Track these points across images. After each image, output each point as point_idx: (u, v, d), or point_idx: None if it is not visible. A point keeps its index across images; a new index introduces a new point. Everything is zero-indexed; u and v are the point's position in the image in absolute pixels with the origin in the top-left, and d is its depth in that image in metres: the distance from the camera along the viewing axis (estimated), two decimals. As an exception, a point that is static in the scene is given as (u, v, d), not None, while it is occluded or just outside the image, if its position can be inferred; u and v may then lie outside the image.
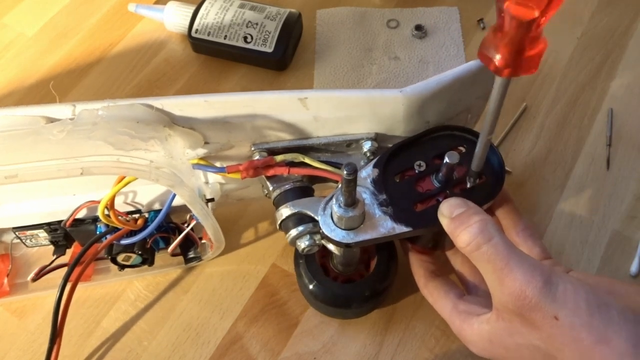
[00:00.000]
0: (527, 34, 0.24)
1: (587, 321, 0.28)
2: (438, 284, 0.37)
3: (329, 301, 0.39)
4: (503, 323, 0.31)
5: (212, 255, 0.43)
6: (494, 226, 0.30)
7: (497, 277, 0.29)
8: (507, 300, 0.29)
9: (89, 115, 0.31)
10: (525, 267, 0.29)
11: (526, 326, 0.30)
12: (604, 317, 0.28)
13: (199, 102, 0.33)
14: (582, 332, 0.28)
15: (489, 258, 0.30)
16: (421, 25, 0.56)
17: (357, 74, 0.54)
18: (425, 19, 0.57)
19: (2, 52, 0.57)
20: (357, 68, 0.54)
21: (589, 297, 0.28)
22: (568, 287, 0.29)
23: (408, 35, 0.56)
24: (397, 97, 0.34)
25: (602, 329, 0.28)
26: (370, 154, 0.36)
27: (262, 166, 0.35)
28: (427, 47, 0.55)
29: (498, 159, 0.35)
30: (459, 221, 0.31)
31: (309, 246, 0.35)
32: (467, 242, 0.30)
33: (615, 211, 0.46)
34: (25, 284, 0.43)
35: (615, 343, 0.27)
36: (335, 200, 0.31)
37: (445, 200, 0.32)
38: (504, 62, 0.25)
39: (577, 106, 0.51)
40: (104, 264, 0.44)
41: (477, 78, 0.35)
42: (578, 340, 0.28)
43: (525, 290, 0.28)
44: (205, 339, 0.42)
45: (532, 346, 0.30)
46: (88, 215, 0.39)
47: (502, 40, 0.24)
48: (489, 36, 0.25)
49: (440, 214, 0.32)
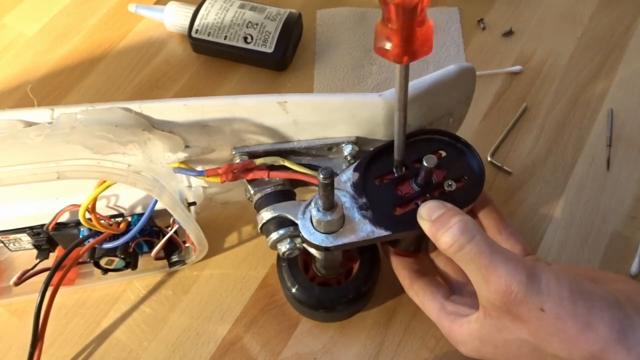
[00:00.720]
0: (413, 18, 0.25)
1: (571, 310, 0.28)
2: (424, 284, 0.37)
3: (311, 305, 0.40)
4: (491, 320, 0.31)
5: (196, 258, 0.43)
6: (474, 225, 0.30)
7: (481, 275, 0.30)
8: (494, 298, 0.29)
9: (67, 119, 0.31)
10: (509, 263, 0.29)
11: (513, 321, 0.30)
12: (587, 304, 0.29)
13: (178, 106, 0.33)
14: (567, 321, 0.28)
15: (472, 257, 0.30)
16: None
17: (357, 74, 0.54)
18: (425, 19, 0.57)
19: (3, 52, 0.57)
20: (357, 68, 0.54)
21: (572, 287, 0.29)
22: (551, 278, 0.29)
23: (408, 35, 0.56)
24: (377, 101, 0.34)
25: (585, 316, 0.28)
26: (351, 157, 0.36)
27: (241, 169, 0.35)
28: (427, 47, 0.55)
29: (478, 162, 0.35)
30: (439, 223, 0.31)
31: (289, 249, 0.35)
32: (449, 243, 0.30)
33: (615, 211, 0.46)
34: (9, 287, 0.42)
35: (599, 329, 0.28)
36: (314, 204, 0.31)
37: (423, 203, 0.32)
38: (399, 50, 0.26)
39: (577, 106, 0.51)
40: (88, 267, 0.44)
41: (457, 82, 0.35)
42: (564, 330, 0.28)
43: (510, 286, 0.29)
44: (205, 340, 0.42)
45: (520, 340, 0.30)
46: (71, 219, 0.39)
47: (392, 30, 0.25)
48: (379, 29, 0.26)
49: (419, 217, 0.32)
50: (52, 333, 0.42)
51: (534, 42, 0.55)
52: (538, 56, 0.54)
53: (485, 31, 0.56)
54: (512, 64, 0.54)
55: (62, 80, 0.55)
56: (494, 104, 0.52)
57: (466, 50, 0.55)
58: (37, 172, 0.32)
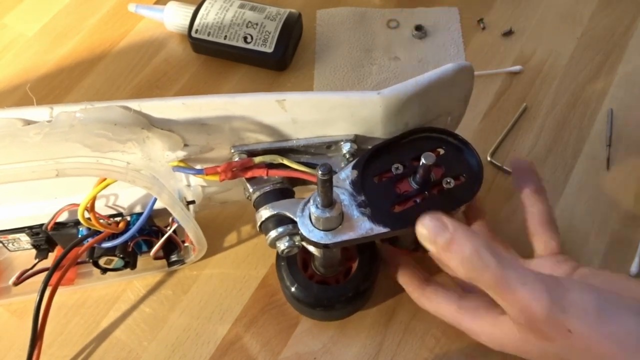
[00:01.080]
0: None
1: (597, 327, 0.28)
2: (434, 290, 0.37)
3: (310, 303, 0.40)
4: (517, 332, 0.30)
5: (195, 258, 0.43)
6: (486, 250, 0.29)
7: (501, 300, 0.29)
8: (517, 317, 0.29)
9: (66, 118, 0.31)
10: (529, 285, 0.28)
11: (540, 339, 0.29)
12: (614, 320, 0.28)
13: (176, 105, 0.33)
14: (595, 339, 0.28)
15: (489, 286, 0.29)
16: (421, 25, 0.56)
17: (357, 74, 0.54)
18: (425, 19, 0.57)
19: (2, 52, 0.57)
20: (357, 68, 0.54)
21: (598, 303, 0.28)
22: (576, 296, 0.28)
23: (408, 35, 0.56)
24: (375, 99, 0.34)
25: (614, 332, 0.28)
26: (349, 155, 0.36)
27: (240, 168, 0.35)
28: (427, 47, 0.55)
29: (476, 159, 0.35)
30: (447, 250, 0.29)
31: (288, 247, 0.35)
32: (461, 271, 0.29)
33: (615, 211, 0.46)
34: (8, 287, 0.42)
35: (628, 342, 0.28)
36: (313, 202, 0.31)
37: (420, 221, 0.30)
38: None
39: (577, 106, 0.51)
40: (87, 267, 0.43)
41: (456, 80, 0.35)
42: (593, 348, 0.28)
43: (533, 308, 0.28)
44: (205, 339, 0.42)
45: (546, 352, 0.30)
46: (70, 218, 0.39)
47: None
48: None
49: (422, 238, 0.30)
50: (51, 333, 0.42)
51: (534, 42, 0.55)
52: (538, 56, 0.54)
53: (485, 31, 0.56)
54: (512, 63, 0.54)
55: (61, 80, 0.55)
56: (494, 103, 0.52)
57: (466, 50, 0.55)
58: (35, 169, 0.32)
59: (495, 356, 0.40)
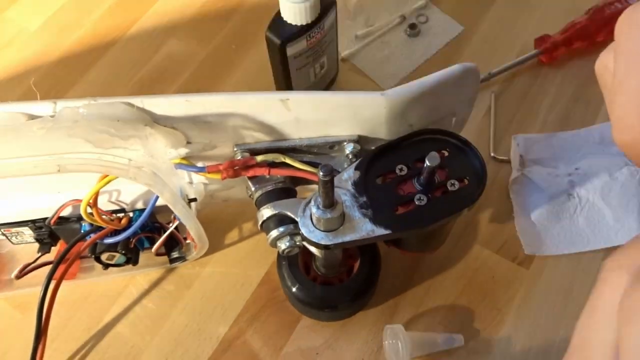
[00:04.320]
0: None
1: None
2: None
3: (311, 304, 0.40)
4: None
5: (197, 255, 0.43)
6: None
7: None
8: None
9: (69, 113, 0.31)
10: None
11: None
12: None
13: (180, 102, 0.33)
14: None
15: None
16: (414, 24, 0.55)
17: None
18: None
19: (5, 46, 0.57)
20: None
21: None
22: None
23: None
24: (379, 100, 0.34)
25: None
26: (352, 156, 0.36)
27: (242, 166, 0.35)
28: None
29: (480, 162, 0.35)
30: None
31: (289, 247, 0.35)
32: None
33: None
34: (11, 280, 0.43)
35: None
36: (314, 202, 0.31)
37: None
38: None
39: (579, 102, 0.51)
40: (89, 262, 0.44)
41: (461, 81, 0.35)
42: None
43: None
44: (207, 335, 0.42)
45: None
46: (73, 213, 0.39)
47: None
48: None
49: None
50: (55, 327, 0.42)
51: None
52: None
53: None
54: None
55: (65, 74, 0.55)
56: (495, 100, 0.52)
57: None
58: (38, 164, 0.32)
59: (499, 353, 0.40)
